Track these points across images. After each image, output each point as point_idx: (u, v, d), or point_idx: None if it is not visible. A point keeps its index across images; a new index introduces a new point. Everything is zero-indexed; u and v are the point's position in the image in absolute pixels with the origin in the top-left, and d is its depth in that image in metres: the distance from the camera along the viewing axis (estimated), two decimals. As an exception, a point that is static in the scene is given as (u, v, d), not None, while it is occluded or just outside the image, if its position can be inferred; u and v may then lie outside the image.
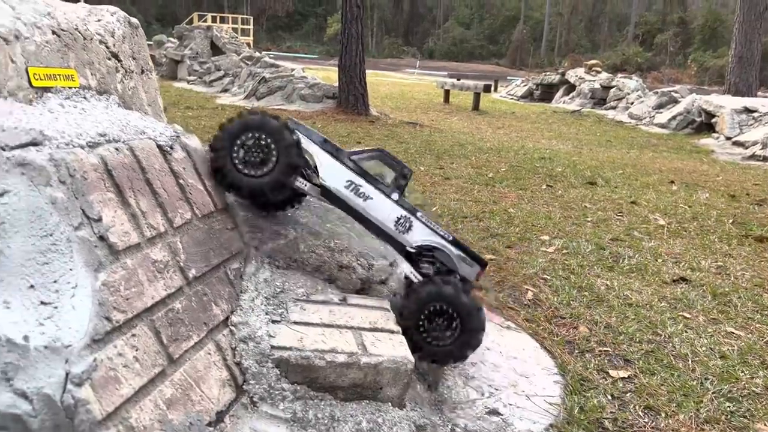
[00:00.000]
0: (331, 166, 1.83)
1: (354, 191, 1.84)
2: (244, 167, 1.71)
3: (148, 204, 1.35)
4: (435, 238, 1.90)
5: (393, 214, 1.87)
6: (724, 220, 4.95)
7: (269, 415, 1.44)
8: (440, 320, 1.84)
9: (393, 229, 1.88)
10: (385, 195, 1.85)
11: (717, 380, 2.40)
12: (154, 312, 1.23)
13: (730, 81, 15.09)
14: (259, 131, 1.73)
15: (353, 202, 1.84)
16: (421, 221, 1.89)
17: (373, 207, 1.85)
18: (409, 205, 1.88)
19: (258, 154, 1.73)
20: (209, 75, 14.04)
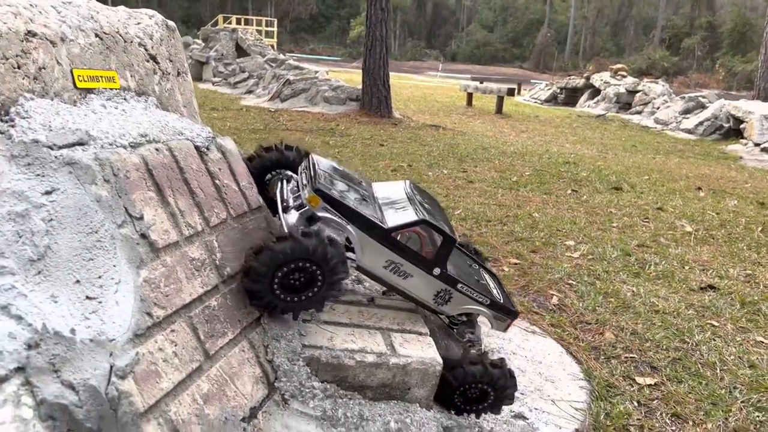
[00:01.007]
0: (371, 248, 1.66)
1: (394, 270, 1.71)
2: (290, 294, 1.48)
3: (186, 203, 1.38)
4: (473, 305, 1.86)
5: (433, 288, 1.78)
6: (753, 228, 4.88)
7: (300, 412, 1.46)
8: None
9: (432, 302, 1.81)
10: (426, 271, 1.74)
11: (746, 389, 2.38)
12: (192, 309, 1.26)
13: (760, 86, 14.81)
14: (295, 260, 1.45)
15: (393, 280, 1.73)
16: (460, 292, 1.81)
17: (412, 284, 1.75)
18: (452, 278, 1.78)
19: (301, 279, 1.48)
20: (234, 76, 14.20)
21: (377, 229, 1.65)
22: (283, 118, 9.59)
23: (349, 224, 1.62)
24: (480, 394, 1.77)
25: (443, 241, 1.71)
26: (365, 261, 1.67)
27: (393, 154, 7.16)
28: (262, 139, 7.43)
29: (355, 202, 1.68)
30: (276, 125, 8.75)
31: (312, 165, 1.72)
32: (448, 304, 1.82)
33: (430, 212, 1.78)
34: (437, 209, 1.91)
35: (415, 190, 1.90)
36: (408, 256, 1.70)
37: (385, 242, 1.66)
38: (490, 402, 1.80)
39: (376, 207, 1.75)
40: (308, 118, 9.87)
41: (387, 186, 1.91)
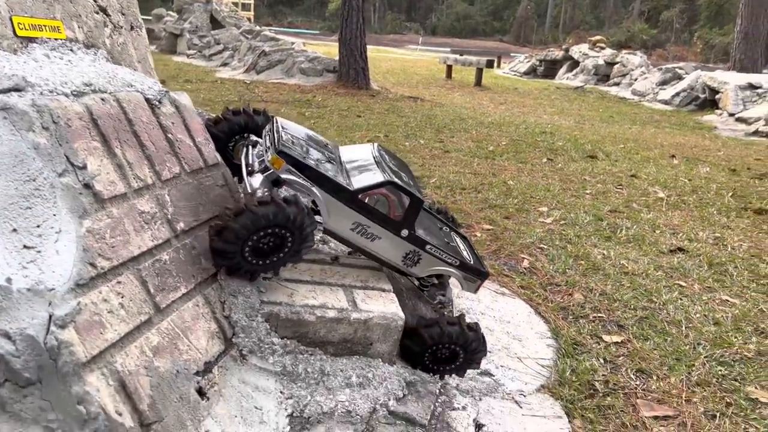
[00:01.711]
0: (335, 209, 1.64)
1: (361, 233, 1.70)
2: (257, 258, 1.48)
3: (135, 155, 1.33)
4: (442, 266, 1.86)
5: (402, 250, 1.77)
6: (723, 194, 4.93)
7: (259, 368, 1.44)
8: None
9: (401, 263, 1.81)
10: (394, 232, 1.73)
11: (710, 345, 2.41)
12: (141, 261, 1.23)
13: (735, 57, 14.93)
14: (274, 226, 1.44)
15: (360, 242, 1.72)
16: (429, 253, 1.81)
17: (381, 246, 1.74)
18: (420, 240, 1.78)
19: (271, 243, 1.48)
20: (209, 49, 13.93)
21: (343, 192, 1.62)
22: (259, 90, 9.44)
23: (314, 186, 1.59)
24: (450, 354, 1.77)
25: (410, 202, 1.69)
26: (332, 223, 1.66)
27: (370, 125, 7.09)
28: (237, 110, 7.32)
29: (320, 164, 1.65)
30: (251, 97, 8.61)
31: (276, 128, 1.68)
32: (417, 266, 1.82)
33: (398, 174, 1.76)
34: (406, 171, 1.89)
35: (383, 152, 1.88)
36: (375, 218, 1.69)
37: (351, 204, 1.64)
38: (458, 364, 1.81)
39: (342, 169, 1.72)
40: (284, 90, 9.73)
41: (354, 149, 1.88)
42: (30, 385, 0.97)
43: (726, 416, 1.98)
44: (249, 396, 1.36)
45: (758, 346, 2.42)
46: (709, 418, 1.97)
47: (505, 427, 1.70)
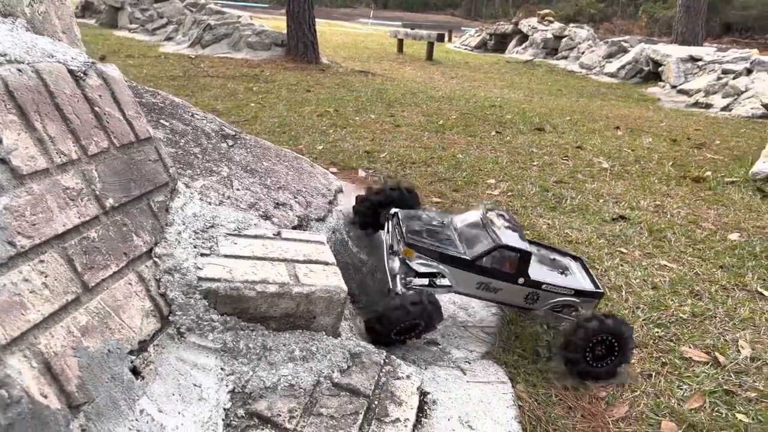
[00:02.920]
0: (462, 277, 2.03)
1: (485, 289, 2.06)
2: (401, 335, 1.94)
3: (57, 129, 1.27)
4: (560, 299, 2.12)
5: (522, 294, 2.08)
6: (664, 163, 5.09)
7: (197, 345, 1.42)
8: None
9: (524, 303, 2.12)
10: (512, 283, 2.05)
11: (648, 309, 2.50)
12: (66, 239, 1.18)
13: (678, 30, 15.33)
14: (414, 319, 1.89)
15: (487, 296, 2.09)
16: (546, 291, 2.09)
17: (504, 296, 2.09)
18: (535, 282, 2.07)
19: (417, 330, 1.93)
20: (152, 23, 13.42)
21: (463, 261, 2.01)
22: (205, 65, 9.17)
23: (440, 264, 2.02)
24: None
25: (520, 256, 2.02)
26: (460, 288, 2.05)
27: (319, 100, 7.00)
28: (181, 86, 7.10)
29: (441, 244, 2.06)
30: (196, 72, 8.37)
31: (401, 220, 2.16)
32: (537, 302, 2.12)
33: (504, 233, 2.08)
34: (512, 222, 2.20)
35: (487, 213, 2.22)
36: (493, 276, 2.04)
37: (472, 270, 2.02)
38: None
39: (458, 240, 2.12)
40: (231, 65, 9.48)
41: (465, 217, 2.25)
42: (-55, 370, 0.92)
43: (661, 375, 2.06)
44: (187, 374, 1.34)
45: (693, 308, 2.52)
46: (645, 378, 2.05)
47: (449, 394, 1.73)
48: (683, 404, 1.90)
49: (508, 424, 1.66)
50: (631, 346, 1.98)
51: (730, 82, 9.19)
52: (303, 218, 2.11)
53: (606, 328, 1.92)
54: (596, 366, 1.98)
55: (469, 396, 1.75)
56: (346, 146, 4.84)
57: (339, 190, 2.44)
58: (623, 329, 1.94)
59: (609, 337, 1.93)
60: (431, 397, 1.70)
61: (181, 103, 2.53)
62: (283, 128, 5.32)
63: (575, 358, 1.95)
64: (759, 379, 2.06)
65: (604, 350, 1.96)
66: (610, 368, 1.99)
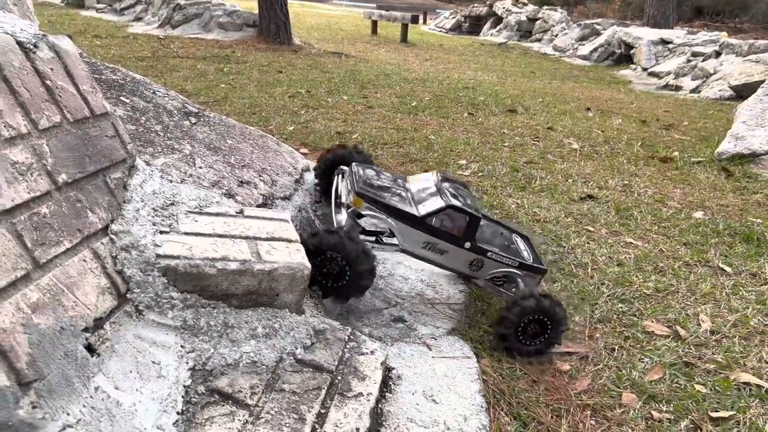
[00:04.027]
0: (409, 234, 2.01)
1: (431, 249, 2.05)
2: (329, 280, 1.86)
3: (5, 102, 1.23)
4: (503, 269, 2.14)
5: (467, 259, 2.09)
6: (633, 143, 5.15)
7: (156, 323, 1.40)
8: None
9: (468, 270, 2.13)
10: (458, 246, 2.06)
11: (612, 285, 2.54)
12: (15, 215, 1.15)
13: (649, 13, 15.47)
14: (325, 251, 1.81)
15: (431, 257, 2.08)
16: (491, 259, 2.11)
17: (449, 258, 2.08)
18: (481, 249, 2.09)
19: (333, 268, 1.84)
20: (120, 2, 13.10)
21: (411, 218, 2.00)
22: (174, 46, 8.99)
23: (389, 217, 1.99)
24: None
25: (469, 220, 2.03)
26: (406, 245, 2.03)
27: (291, 81, 6.93)
28: (150, 66, 6.95)
29: (391, 198, 2.04)
30: (166, 53, 8.20)
31: (354, 172, 2.14)
32: (481, 270, 2.13)
33: (456, 197, 2.08)
34: (464, 192, 2.20)
35: (443, 179, 2.21)
36: (441, 236, 2.03)
37: (419, 227, 2.01)
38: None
39: (410, 199, 2.09)
40: (202, 45, 9.31)
41: (419, 178, 2.25)
42: None
43: (624, 349, 2.10)
44: (146, 351, 1.32)
45: (656, 283, 2.57)
46: (608, 351, 2.08)
47: (414, 369, 1.74)
48: (644, 376, 1.94)
49: (472, 397, 1.68)
50: (563, 329, 1.99)
51: (700, 65, 9.31)
52: (268, 197, 2.09)
53: (541, 308, 1.93)
54: (526, 343, 1.98)
55: (434, 371, 1.77)
56: (317, 127, 4.80)
57: (306, 168, 2.42)
58: (557, 311, 1.95)
59: (542, 316, 1.94)
60: (396, 372, 1.71)
61: (142, 80, 2.47)
62: (254, 109, 5.26)
63: (507, 333, 1.96)
64: (718, 351, 2.11)
65: (536, 329, 1.97)
66: (540, 347, 1.99)
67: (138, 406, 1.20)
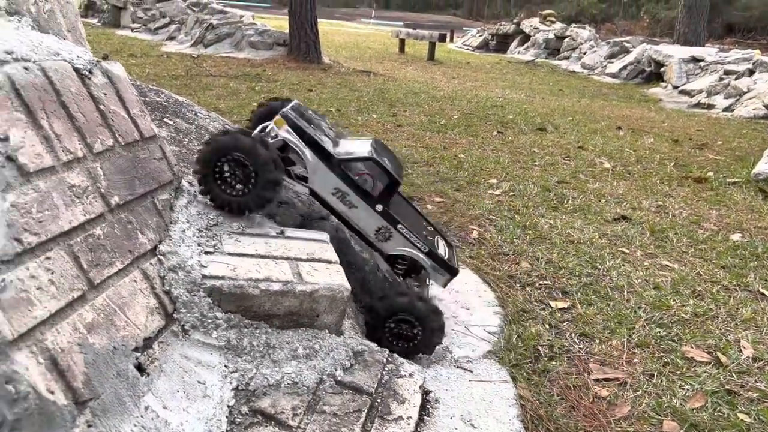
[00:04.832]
0: (321, 172, 1.86)
1: (340, 198, 1.90)
2: (228, 188, 1.71)
3: (63, 127, 1.28)
4: (411, 249, 1.98)
5: (375, 223, 1.94)
6: (666, 163, 5.09)
7: (201, 342, 1.42)
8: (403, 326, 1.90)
9: (373, 237, 1.96)
10: (369, 205, 1.91)
11: (649, 308, 2.50)
12: (72, 237, 1.18)
13: (680, 31, 15.32)
14: (233, 151, 1.69)
15: (338, 208, 1.92)
16: (400, 233, 1.95)
17: (357, 215, 1.92)
18: (392, 217, 1.94)
19: (239, 173, 1.70)
20: (154, 22, 13.43)
21: (330, 158, 1.85)
22: (207, 64, 9.18)
23: (306, 148, 1.83)
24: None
25: (388, 181, 1.89)
26: (316, 184, 1.87)
27: (321, 100, 7.01)
28: (183, 85, 7.11)
29: (317, 133, 1.87)
30: (199, 71, 8.37)
31: (287, 102, 1.98)
32: (387, 242, 1.97)
33: (381, 155, 1.94)
34: (395, 162, 2.03)
35: (378, 145, 2.03)
36: (354, 188, 1.88)
37: (335, 170, 1.86)
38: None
39: (336, 145, 1.93)
40: (233, 64, 9.49)
41: (355, 138, 2.10)
42: (-48, 366, 0.93)
43: (663, 375, 2.06)
44: (192, 371, 1.34)
45: (694, 308, 2.53)
46: (647, 378, 2.05)
47: (452, 392, 1.74)
48: (685, 404, 1.91)
49: (510, 422, 1.66)
50: (434, 341, 1.90)
51: (732, 83, 9.18)
52: (306, 217, 2.12)
53: (411, 309, 1.84)
54: (393, 343, 1.88)
55: (472, 395, 1.76)
56: (348, 146, 4.85)
57: (342, 189, 2.44)
58: (431, 318, 1.86)
59: (413, 320, 1.86)
60: (434, 395, 1.70)
61: (184, 102, 2.53)
62: (285, 128, 5.32)
63: (373, 325, 1.88)
64: (761, 379, 2.06)
65: (406, 331, 1.88)
66: (405, 351, 1.88)
67: (185, 426, 1.22)
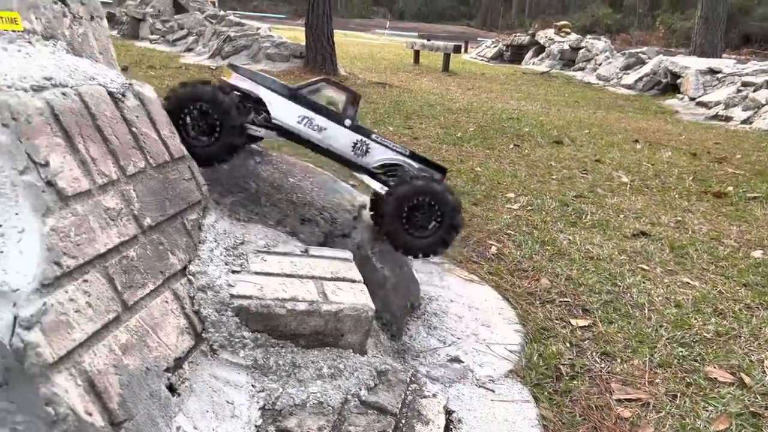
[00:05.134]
0: (282, 105, 1.89)
1: (307, 125, 1.91)
2: (195, 138, 1.82)
3: (98, 151, 1.31)
4: (392, 155, 1.99)
5: (349, 140, 1.94)
6: (684, 177, 5.06)
7: (229, 362, 1.44)
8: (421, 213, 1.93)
9: (352, 154, 1.96)
10: (338, 123, 1.92)
11: (671, 327, 2.49)
12: (108, 259, 1.21)
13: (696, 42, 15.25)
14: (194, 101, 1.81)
15: (309, 135, 1.92)
16: (376, 142, 1.97)
17: (328, 137, 1.93)
18: (364, 129, 1.95)
19: (203, 123, 1.83)
20: (172, 34, 13.62)
21: (285, 89, 1.90)
22: (225, 77, 9.28)
23: (260, 87, 1.89)
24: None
25: (347, 96, 1.93)
26: (280, 117, 1.90)
27: (338, 112, 7.05)
28: (202, 97, 7.18)
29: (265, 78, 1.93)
30: (217, 83, 8.46)
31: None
32: (367, 155, 1.98)
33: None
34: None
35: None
36: (317, 111, 1.91)
37: (294, 99, 1.89)
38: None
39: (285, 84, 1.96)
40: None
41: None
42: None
43: (686, 396, 2.05)
44: (220, 390, 1.36)
45: (717, 327, 2.51)
46: (670, 398, 2.04)
47: (474, 412, 1.74)
48: (709, 426, 1.89)
49: (534, 443, 1.67)
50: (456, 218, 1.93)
51: (751, 95, 9.11)
52: (328, 234, 2.14)
53: (426, 189, 1.86)
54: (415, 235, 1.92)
55: (494, 415, 1.76)
56: (365, 159, 4.87)
57: (363, 206, 2.46)
58: (446, 194, 1.88)
59: (430, 200, 1.88)
60: (456, 415, 1.71)
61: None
62: (303, 140, 5.37)
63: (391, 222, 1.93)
64: (786, 401, 2.04)
65: (425, 216, 1.91)
66: (434, 238, 1.93)
67: (215, 446, 1.23)
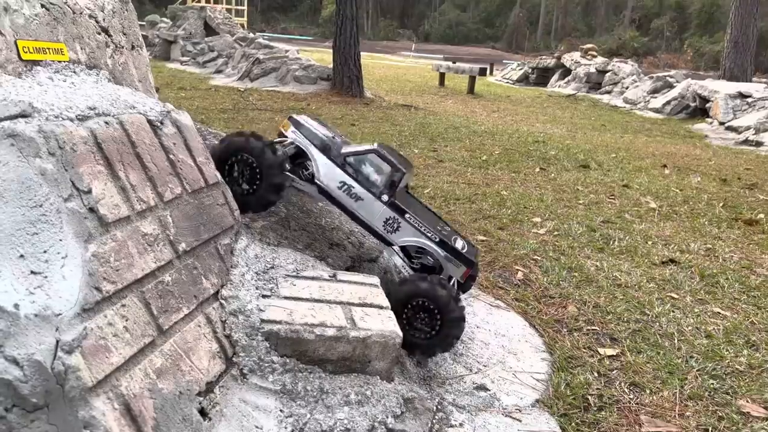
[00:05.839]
0: (327, 168, 1.96)
1: (346, 192, 1.96)
2: (235, 185, 1.87)
3: (137, 178, 1.35)
4: (421, 239, 2.01)
5: (382, 215, 1.98)
6: (714, 204, 4.99)
7: (259, 386, 1.46)
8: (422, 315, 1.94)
9: (382, 228, 2.00)
10: (375, 197, 1.97)
11: (702, 358, 2.44)
12: (144, 284, 1.25)
13: (726, 66, 15.07)
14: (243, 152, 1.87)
15: (345, 202, 1.98)
16: (409, 223, 1.99)
17: (363, 207, 1.98)
18: (399, 207, 1.98)
19: (245, 174, 1.89)
20: (203, 56, 13.93)
21: (333, 153, 1.97)
22: (253, 98, 9.45)
23: (311, 146, 1.98)
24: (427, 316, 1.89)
25: (391, 170, 1.96)
26: (322, 178, 1.97)
27: (364, 134, 7.13)
28: (231, 119, 7.32)
29: (319, 130, 2.02)
30: (245, 105, 8.63)
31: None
32: (396, 233, 2.01)
33: (384, 149, 2.02)
34: (401, 158, 2.10)
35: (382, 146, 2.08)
36: (359, 181, 1.97)
37: (339, 164, 1.96)
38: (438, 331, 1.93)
39: (340, 144, 2.03)
40: (278, 98, 9.75)
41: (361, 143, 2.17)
42: (37, 410, 0.98)
43: (718, 430, 2.00)
44: (249, 415, 1.38)
45: (749, 359, 2.45)
46: (701, 432, 2.00)
47: (501, 442, 1.73)
48: (742, 462, 1.85)
49: (562, 476, 1.64)
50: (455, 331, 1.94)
51: (782, 120, 8.97)
52: (356, 259, 2.16)
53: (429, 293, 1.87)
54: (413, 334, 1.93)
55: (521, 445, 1.74)
56: (391, 181, 4.90)
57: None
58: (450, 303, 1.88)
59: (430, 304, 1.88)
60: (483, 445, 1.70)
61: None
62: (329, 162, 5.42)
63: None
64: (822, 438, 1.98)
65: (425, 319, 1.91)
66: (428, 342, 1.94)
67: (244, 471, 1.25)
